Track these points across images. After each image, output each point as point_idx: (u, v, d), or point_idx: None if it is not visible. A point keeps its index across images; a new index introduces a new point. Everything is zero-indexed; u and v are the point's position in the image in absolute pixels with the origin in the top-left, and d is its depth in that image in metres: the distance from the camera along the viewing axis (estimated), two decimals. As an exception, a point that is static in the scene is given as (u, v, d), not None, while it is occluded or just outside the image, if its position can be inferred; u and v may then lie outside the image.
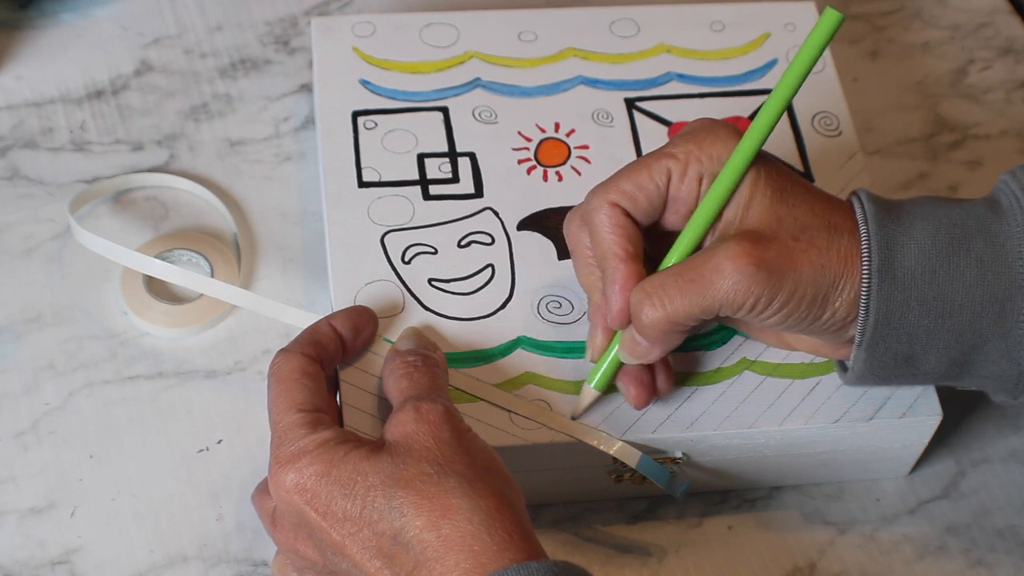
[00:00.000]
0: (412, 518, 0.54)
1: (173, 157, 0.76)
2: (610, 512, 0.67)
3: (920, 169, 0.80)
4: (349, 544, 0.55)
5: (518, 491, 0.57)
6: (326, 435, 0.57)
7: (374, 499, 0.55)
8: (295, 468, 0.56)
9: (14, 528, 0.65)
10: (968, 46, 0.86)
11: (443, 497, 0.54)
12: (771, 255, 0.58)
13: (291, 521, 0.58)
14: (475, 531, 0.53)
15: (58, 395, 0.68)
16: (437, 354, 0.63)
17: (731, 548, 0.67)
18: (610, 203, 0.61)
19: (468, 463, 0.56)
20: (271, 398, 0.59)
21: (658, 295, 0.59)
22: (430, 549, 0.53)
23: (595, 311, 0.62)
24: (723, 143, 0.60)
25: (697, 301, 0.58)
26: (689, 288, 0.58)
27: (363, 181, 0.70)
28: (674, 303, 0.59)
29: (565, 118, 0.73)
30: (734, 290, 0.58)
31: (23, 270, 0.72)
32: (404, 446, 0.56)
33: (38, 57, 0.79)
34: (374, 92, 0.73)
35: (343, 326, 0.63)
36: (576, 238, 0.63)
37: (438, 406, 0.58)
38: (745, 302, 0.58)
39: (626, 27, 0.77)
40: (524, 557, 0.53)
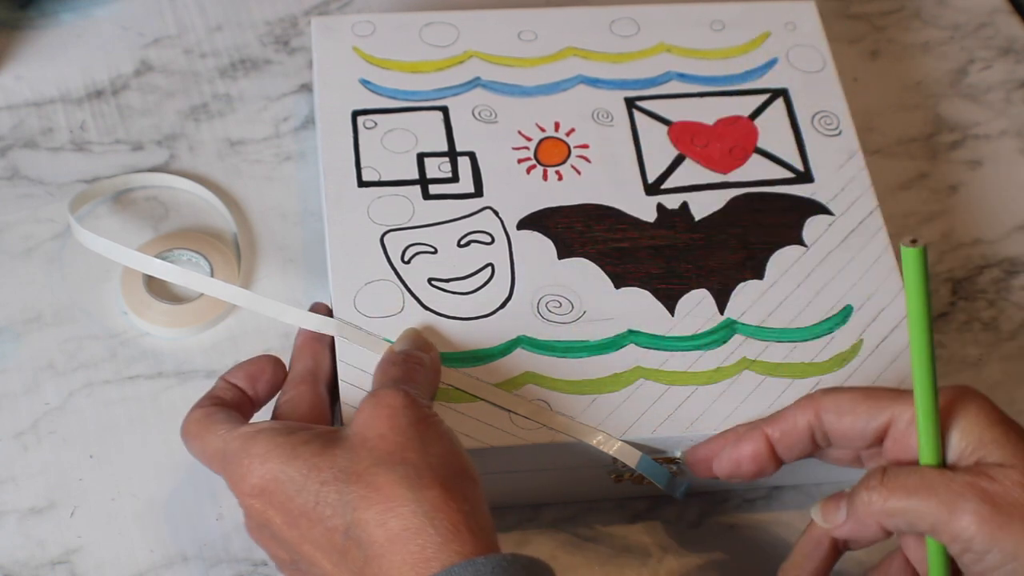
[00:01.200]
0: (362, 512, 0.53)
1: (173, 157, 0.76)
2: (610, 512, 0.67)
3: (920, 169, 0.80)
4: (305, 541, 0.55)
5: (475, 482, 0.56)
6: (275, 429, 0.57)
7: (327, 494, 0.54)
8: (250, 470, 0.56)
9: (14, 528, 0.65)
10: (968, 46, 0.86)
11: (390, 489, 0.53)
12: (1005, 499, 0.53)
13: (256, 523, 0.58)
14: (419, 524, 0.53)
15: (58, 395, 0.68)
16: (430, 354, 0.63)
17: (731, 548, 0.67)
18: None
19: (420, 452, 0.55)
20: (194, 454, 0.60)
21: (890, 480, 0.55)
22: (377, 544, 0.53)
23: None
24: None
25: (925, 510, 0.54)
26: (919, 486, 0.55)
27: (363, 180, 0.70)
28: (896, 496, 0.55)
29: (565, 117, 0.73)
30: (950, 513, 0.53)
31: (23, 270, 0.72)
32: (360, 436, 0.56)
33: (38, 57, 0.79)
34: (374, 91, 0.73)
35: (236, 378, 0.62)
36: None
37: (398, 392, 0.57)
38: (958, 535, 0.53)
39: (626, 26, 0.77)
40: (471, 551, 0.52)
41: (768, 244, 0.69)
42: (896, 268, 0.69)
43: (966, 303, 0.76)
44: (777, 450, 0.59)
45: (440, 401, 0.63)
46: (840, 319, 0.67)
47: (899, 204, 0.78)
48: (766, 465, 0.59)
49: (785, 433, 0.58)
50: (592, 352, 0.66)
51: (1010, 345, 0.74)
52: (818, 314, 0.68)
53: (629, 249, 0.69)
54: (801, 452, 0.59)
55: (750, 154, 0.73)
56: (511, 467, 0.64)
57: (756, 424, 0.59)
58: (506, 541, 0.65)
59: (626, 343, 0.66)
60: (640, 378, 0.65)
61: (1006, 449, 0.54)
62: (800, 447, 0.59)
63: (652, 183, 0.71)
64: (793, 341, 0.67)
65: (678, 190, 0.71)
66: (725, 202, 0.71)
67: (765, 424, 0.59)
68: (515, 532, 0.66)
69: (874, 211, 0.71)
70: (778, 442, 0.59)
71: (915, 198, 0.79)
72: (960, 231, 0.78)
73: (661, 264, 0.68)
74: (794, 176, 0.72)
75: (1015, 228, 0.79)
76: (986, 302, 0.76)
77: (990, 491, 0.53)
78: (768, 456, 0.59)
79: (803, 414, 0.58)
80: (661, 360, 0.65)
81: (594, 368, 0.65)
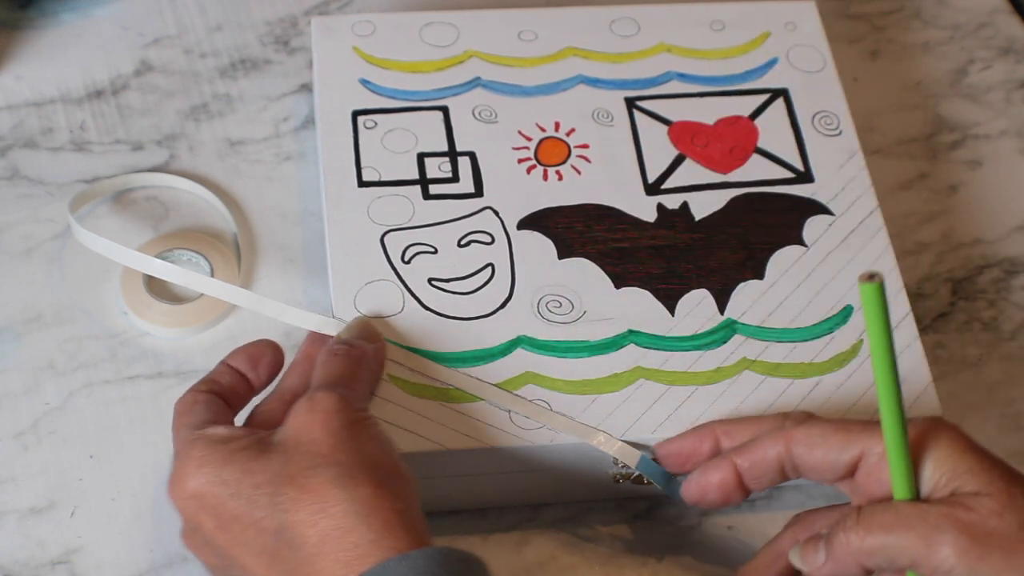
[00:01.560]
0: (293, 514, 0.53)
1: (173, 157, 0.76)
2: (610, 512, 0.67)
3: (920, 169, 0.80)
4: (236, 545, 0.55)
5: (407, 481, 0.56)
6: (213, 435, 0.57)
7: (259, 497, 0.54)
8: (188, 474, 0.56)
9: (14, 528, 0.65)
10: (968, 46, 0.86)
11: (322, 490, 0.54)
12: (984, 528, 0.53)
13: (190, 527, 0.58)
14: (351, 523, 0.53)
15: (58, 395, 0.68)
16: (375, 345, 0.63)
17: (731, 548, 0.67)
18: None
19: (352, 453, 0.55)
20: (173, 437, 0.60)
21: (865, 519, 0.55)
22: (310, 544, 0.53)
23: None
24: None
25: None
26: (896, 523, 0.54)
27: (363, 180, 0.70)
28: (873, 534, 0.55)
29: (565, 117, 0.73)
30: (928, 546, 0.53)
31: (23, 270, 0.72)
32: (294, 439, 0.56)
33: (38, 57, 0.79)
34: (374, 91, 0.73)
35: (236, 361, 0.63)
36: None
37: (333, 395, 0.57)
38: (939, 565, 0.53)
39: (626, 26, 0.77)
40: (404, 546, 0.52)
41: (768, 244, 0.69)
42: (896, 268, 0.69)
43: (966, 303, 0.76)
44: (745, 480, 0.59)
45: (440, 401, 0.63)
46: (840, 319, 0.67)
47: (899, 204, 0.78)
48: (732, 494, 0.60)
49: (754, 464, 0.59)
50: (592, 352, 0.66)
51: (1010, 345, 0.74)
52: (818, 314, 0.68)
53: (629, 249, 0.69)
54: (770, 482, 0.59)
55: (750, 154, 0.73)
56: (512, 467, 0.64)
57: (726, 454, 0.60)
58: (506, 541, 0.65)
59: (626, 343, 0.66)
60: (640, 378, 0.65)
61: (980, 477, 0.54)
62: (769, 477, 0.59)
63: (652, 183, 0.71)
64: (793, 341, 0.67)
65: (678, 190, 0.71)
66: (725, 202, 0.71)
67: (735, 454, 0.59)
68: (515, 532, 0.66)
69: (874, 211, 0.71)
70: (747, 472, 0.59)
71: (915, 198, 0.79)
72: (960, 231, 0.78)
73: (661, 264, 0.68)
74: (794, 176, 0.72)
75: (1015, 228, 0.79)
76: (986, 302, 0.76)
77: (967, 521, 0.53)
78: (735, 486, 0.59)
79: (773, 446, 0.58)
80: (661, 360, 0.65)
81: (594, 368, 0.65)
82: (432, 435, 0.62)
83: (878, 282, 0.51)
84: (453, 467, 0.63)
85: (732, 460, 0.59)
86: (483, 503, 0.66)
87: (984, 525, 0.53)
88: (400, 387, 0.64)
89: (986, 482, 0.54)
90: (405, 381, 0.64)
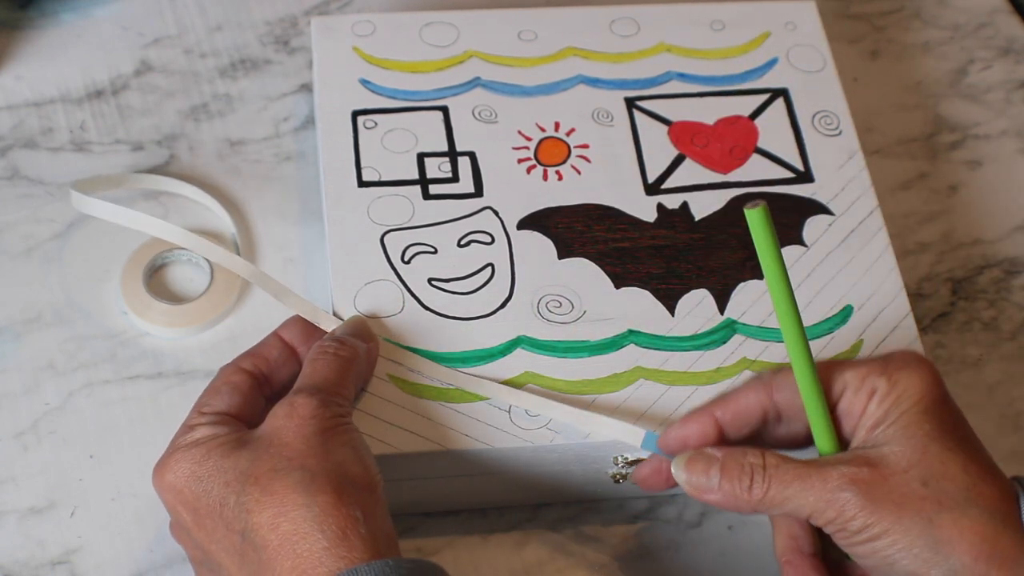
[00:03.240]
0: (256, 515, 0.54)
1: (173, 157, 0.76)
2: (610, 512, 0.67)
3: (920, 169, 0.80)
4: (212, 541, 0.56)
5: (372, 489, 0.56)
6: (203, 433, 0.57)
7: (228, 496, 0.55)
8: (168, 467, 0.57)
9: (14, 528, 0.65)
10: (968, 46, 0.86)
11: (284, 493, 0.54)
12: (883, 487, 0.54)
13: (173, 519, 0.59)
14: (307, 528, 0.53)
15: (58, 395, 0.68)
16: (368, 345, 0.63)
17: (731, 548, 0.67)
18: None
19: (320, 459, 0.55)
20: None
21: (768, 476, 0.56)
22: (271, 548, 0.53)
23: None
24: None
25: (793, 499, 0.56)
26: (795, 479, 0.56)
27: (363, 180, 0.70)
28: (775, 489, 0.56)
29: (565, 117, 0.73)
30: (827, 502, 0.55)
31: (23, 270, 0.72)
32: (267, 440, 0.56)
33: (38, 57, 0.79)
34: (374, 91, 0.73)
35: (289, 333, 0.63)
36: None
37: (312, 400, 0.57)
38: (834, 518, 0.55)
39: (626, 26, 0.77)
40: (358, 557, 0.52)
41: (768, 244, 0.69)
42: (896, 268, 0.69)
43: (966, 303, 0.76)
44: (726, 431, 0.59)
45: (440, 401, 0.63)
46: (840, 319, 0.67)
47: (899, 204, 0.78)
48: (711, 444, 0.59)
49: (736, 414, 0.59)
50: (592, 352, 0.66)
51: (1010, 345, 0.74)
52: (818, 314, 0.68)
53: (629, 249, 0.69)
54: (750, 431, 0.59)
55: (750, 154, 0.73)
56: (512, 468, 0.64)
57: (705, 407, 0.60)
58: (506, 541, 0.65)
59: (626, 343, 0.66)
60: (640, 378, 0.65)
61: (906, 430, 0.55)
62: (751, 426, 0.59)
63: (652, 183, 0.71)
64: (793, 341, 0.66)
65: (678, 190, 0.71)
66: (725, 202, 0.71)
67: (715, 407, 0.59)
68: (515, 532, 0.66)
69: (874, 211, 0.71)
70: (728, 423, 0.59)
71: (915, 198, 0.79)
72: (960, 231, 0.78)
73: (661, 264, 0.68)
74: (794, 176, 0.72)
75: (1015, 228, 0.79)
76: (986, 302, 0.76)
77: (866, 480, 0.54)
78: (715, 437, 0.59)
79: (755, 394, 0.59)
80: (661, 360, 0.65)
81: (594, 368, 0.65)
82: (432, 435, 0.62)
83: (762, 205, 0.54)
84: (453, 467, 0.63)
85: (712, 412, 0.59)
86: (483, 503, 0.67)
87: (884, 483, 0.54)
88: (400, 387, 0.64)
89: (906, 436, 0.55)
90: (404, 381, 0.64)
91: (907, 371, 0.56)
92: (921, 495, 0.54)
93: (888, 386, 0.56)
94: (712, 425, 0.59)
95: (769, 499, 0.56)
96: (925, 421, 0.55)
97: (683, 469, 0.58)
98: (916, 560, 0.53)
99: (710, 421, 0.59)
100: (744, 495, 0.56)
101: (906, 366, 0.57)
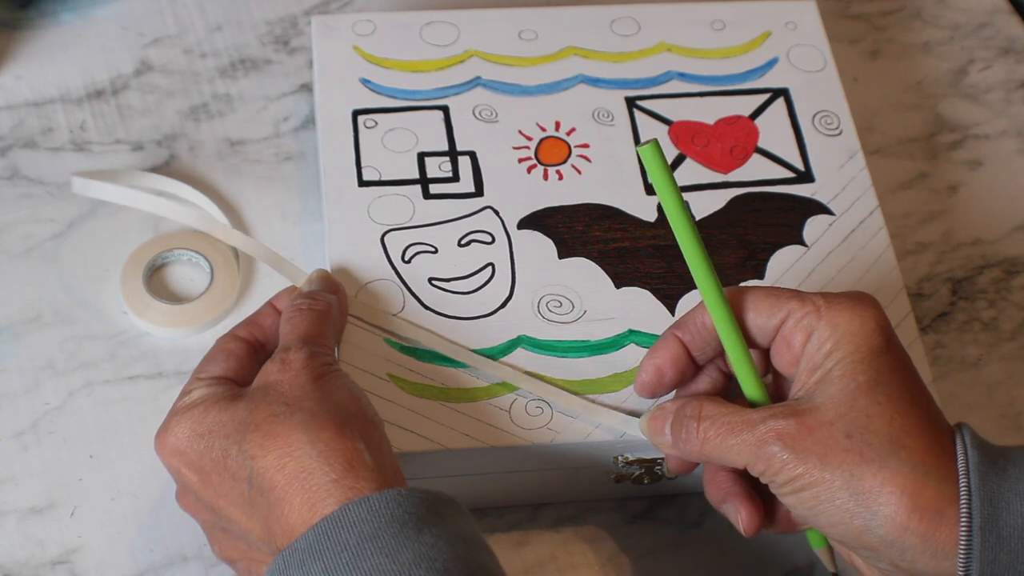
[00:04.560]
0: (260, 460, 0.54)
1: (173, 157, 0.76)
2: (610, 512, 0.67)
3: (920, 169, 0.80)
4: (220, 497, 0.56)
5: (373, 425, 0.57)
6: (197, 395, 0.58)
7: (230, 447, 0.55)
8: (169, 431, 0.58)
9: (14, 528, 0.65)
10: (968, 46, 0.86)
11: (287, 434, 0.54)
12: (808, 439, 0.55)
13: (181, 485, 0.59)
14: (314, 464, 0.53)
15: (58, 395, 0.68)
16: (337, 296, 0.64)
17: (731, 548, 0.67)
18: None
19: (319, 400, 0.56)
20: None
21: (705, 423, 0.58)
22: (278, 488, 0.53)
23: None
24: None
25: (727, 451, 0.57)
26: (727, 434, 0.57)
27: (363, 180, 0.70)
28: (711, 443, 0.57)
29: (566, 117, 0.73)
30: (756, 455, 0.56)
31: (23, 270, 0.72)
32: (262, 391, 0.57)
33: (38, 57, 0.79)
34: (374, 91, 0.73)
35: (282, 301, 0.64)
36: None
37: (302, 353, 0.58)
38: (764, 470, 0.56)
39: (627, 26, 0.77)
40: (366, 487, 0.53)
41: (769, 244, 0.69)
42: (897, 268, 0.69)
43: (966, 303, 0.76)
44: (692, 352, 0.60)
45: (440, 401, 0.63)
46: (841, 319, 0.67)
47: (899, 204, 0.78)
48: (685, 369, 0.60)
49: (696, 334, 0.60)
50: (592, 352, 0.65)
51: (1010, 345, 0.74)
52: (819, 314, 0.67)
53: (629, 249, 0.69)
54: (714, 352, 0.60)
55: (750, 154, 0.73)
56: (512, 467, 0.64)
57: (667, 331, 0.60)
58: (506, 541, 0.65)
59: (626, 343, 0.66)
60: (641, 377, 0.65)
61: (837, 383, 0.56)
62: (712, 346, 0.60)
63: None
64: (794, 340, 0.66)
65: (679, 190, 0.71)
66: (726, 202, 0.71)
67: (675, 329, 0.60)
68: (515, 532, 0.66)
69: (875, 211, 0.71)
70: (691, 344, 0.60)
71: (915, 198, 0.79)
72: (960, 231, 0.78)
73: (661, 264, 0.68)
74: (795, 176, 0.72)
75: (1015, 228, 0.79)
76: (986, 302, 0.76)
77: (792, 433, 0.55)
78: (686, 360, 0.60)
79: (708, 314, 0.59)
80: (662, 359, 0.65)
81: (594, 368, 0.65)
82: (432, 435, 0.62)
83: (653, 140, 0.56)
84: (454, 467, 0.63)
85: (674, 334, 0.60)
86: (483, 503, 0.66)
87: (809, 435, 0.55)
88: (400, 387, 0.64)
89: (838, 387, 0.55)
90: (405, 381, 0.64)
91: (849, 315, 0.57)
92: (844, 447, 0.54)
93: (827, 329, 0.56)
94: (678, 346, 0.60)
95: (707, 451, 0.57)
96: (860, 372, 0.55)
97: (645, 425, 0.60)
98: (839, 511, 0.54)
99: (675, 343, 0.60)
100: (686, 447, 0.58)
101: (849, 309, 0.57)
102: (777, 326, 0.58)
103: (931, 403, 0.56)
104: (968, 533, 0.53)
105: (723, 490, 0.59)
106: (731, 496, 0.59)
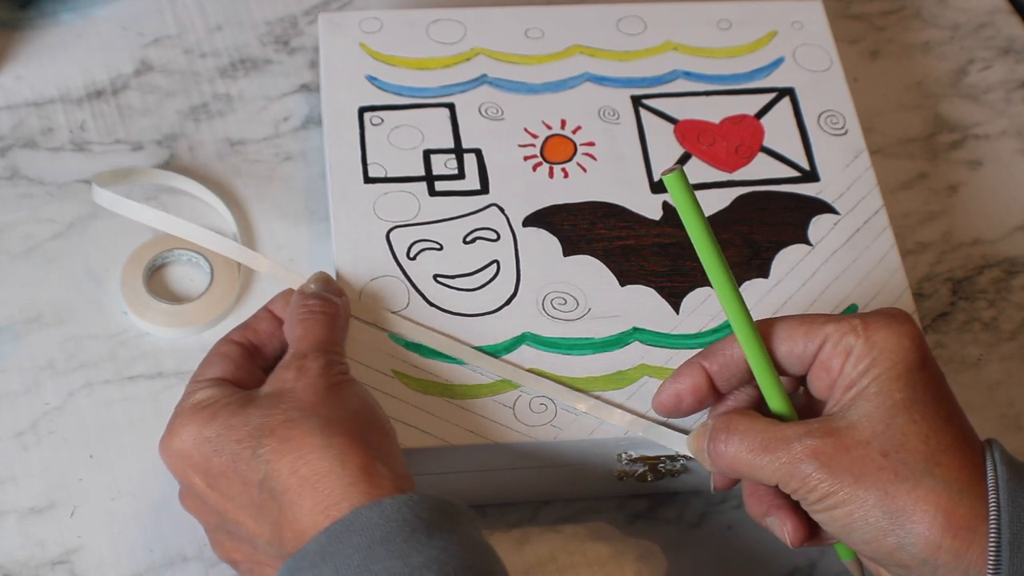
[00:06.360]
0: (274, 463, 0.54)
1: (173, 157, 0.76)
2: (610, 512, 0.67)
3: (920, 169, 0.81)
4: (226, 500, 0.56)
5: (386, 433, 0.57)
6: (201, 396, 0.58)
7: (241, 451, 0.55)
8: (174, 433, 0.57)
9: (14, 528, 0.64)
10: (968, 46, 0.86)
11: (302, 439, 0.54)
12: (844, 458, 0.55)
13: (184, 487, 0.59)
14: (328, 468, 0.54)
15: (58, 395, 0.68)
16: (342, 300, 0.63)
17: (731, 548, 0.67)
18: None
19: (334, 408, 0.56)
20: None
21: (736, 438, 0.58)
22: (291, 491, 0.54)
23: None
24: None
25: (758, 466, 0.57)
26: (760, 451, 0.57)
27: (369, 177, 0.70)
28: (741, 459, 0.57)
29: (571, 115, 0.73)
30: (790, 473, 0.56)
31: (23, 270, 0.72)
32: (276, 396, 0.57)
33: (38, 57, 0.79)
34: (380, 88, 0.73)
35: (277, 306, 0.64)
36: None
37: (319, 361, 0.58)
38: (798, 488, 0.56)
39: (633, 24, 0.77)
40: (378, 492, 0.53)
41: (773, 243, 0.69)
42: (901, 267, 0.69)
43: (966, 303, 0.76)
44: (716, 382, 0.60)
45: (445, 397, 0.63)
46: (846, 317, 0.67)
47: (899, 204, 0.79)
48: (705, 398, 0.60)
49: (723, 365, 0.59)
50: (597, 349, 0.65)
51: (1010, 345, 0.74)
52: (823, 312, 0.67)
53: (634, 247, 0.69)
54: (739, 382, 0.60)
55: (756, 153, 0.73)
56: (513, 464, 0.64)
57: (693, 358, 0.60)
58: (507, 540, 0.65)
59: (631, 340, 0.66)
60: (645, 376, 0.65)
61: (873, 400, 0.56)
62: (738, 377, 0.60)
63: (658, 181, 0.71)
64: (799, 339, 0.66)
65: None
66: (731, 200, 0.71)
67: (702, 358, 0.60)
68: (515, 531, 0.66)
69: (880, 210, 0.71)
70: (716, 374, 0.60)
71: (915, 198, 0.79)
72: (960, 231, 0.78)
73: (666, 262, 0.68)
74: (800, 175, 0.72)
75: (1015, 228, 0.79)
76: (986, 302, 0.76)
77: (827, 452, 0.55)
78: (707, 389, 0.60)
79: (737, 346, 0.59)
80: (666, 358, 0.65)
81: (599, 365, 0.65)
82: (436, 431, 0.62)
83: (678, 169, 0.55)
84: (457, 463, 0.63)
85: (700, 363, 0.60)
86: (487, 499, 0.66)
87: (845, 454, 0.55)
88: (405, 383, 0.63)
89: (875, 404, 0.55)
90: (409, 377, 0.64)
91: (886, 332, 0.57)
92: (880, 466, 0.54)
93: (865, 347, 0.56)
94: (702, 375, 0.60)
95: (738, 468, 0.57)
96: (896, 389, 0.56)
97: (692, 443, 0.60)
98: (872, 529, 0.54)
99: (700, 372, 0.60)
100: (718, 463, 0.58)
101: (886, 327, 0.57)
102: (815, 352, 0.58)
103: (963, 419, 0.56)
104: (997, 549, 0.53)
105: (765, 503, 0.59)
106: (774, 509, 0.59)
